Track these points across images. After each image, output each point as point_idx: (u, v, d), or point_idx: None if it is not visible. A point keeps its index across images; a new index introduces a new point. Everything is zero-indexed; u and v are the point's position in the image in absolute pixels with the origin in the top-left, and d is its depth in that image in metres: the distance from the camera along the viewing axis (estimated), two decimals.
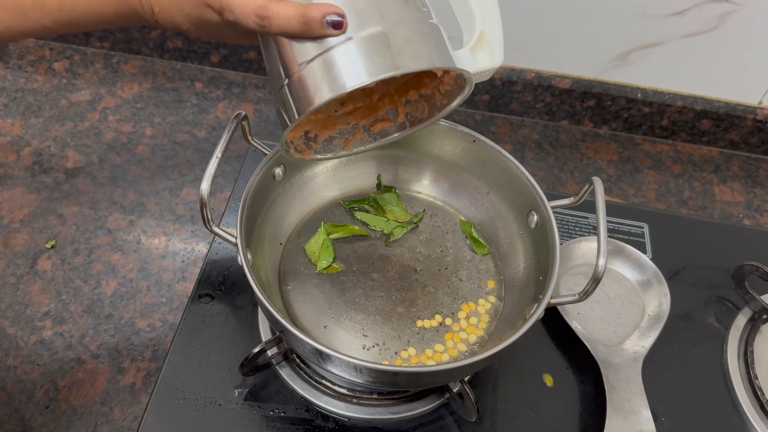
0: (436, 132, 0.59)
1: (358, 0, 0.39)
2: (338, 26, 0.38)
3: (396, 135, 0.52)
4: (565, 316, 0.60)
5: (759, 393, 0.57)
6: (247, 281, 0.45)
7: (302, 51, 0.40)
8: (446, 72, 0.47)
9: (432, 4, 0.44)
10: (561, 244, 0.51)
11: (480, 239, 0.60)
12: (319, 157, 0.51)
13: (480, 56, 0.44)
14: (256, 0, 0.38)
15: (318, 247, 0.58)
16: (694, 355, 0.61)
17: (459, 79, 0.46)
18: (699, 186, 0.83)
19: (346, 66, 0.39)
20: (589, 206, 0.49)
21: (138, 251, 0.66)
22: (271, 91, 0.43)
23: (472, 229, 0.61)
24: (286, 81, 0.41)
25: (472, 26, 0.44)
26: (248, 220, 0.51)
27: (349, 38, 0.38)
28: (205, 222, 0.46)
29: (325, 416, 0.53)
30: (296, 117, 0.41)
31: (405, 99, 0.50)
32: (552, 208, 0.52)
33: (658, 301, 0.62)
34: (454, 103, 0.48)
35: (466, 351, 0.53)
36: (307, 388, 0.54)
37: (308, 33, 0.38)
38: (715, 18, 0.75)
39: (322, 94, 0.39)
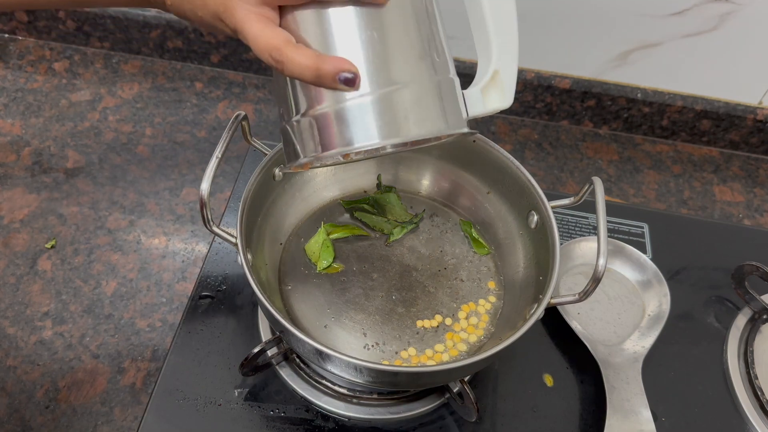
0: None
1: (371, 57, 0.39)
2: (350, 83, 0.38)
3: (394, 150, 0.52)
4: (565, 316, 0.60)
5: (759, 393, 0.57)
6: (247, 281, 0.45)
7: (316, 96, 0.40)
8: None
9: (448, 10, 0.43)
10: (561, 244, 0.51)
11: (480, 239, 0.60)
12: (317, 165, 0.51)
13: (490, 96, 0.44)
14: (271, 40, 0.38)
15: (318, 247, 0.58)
16: (694, 355, 0.61)
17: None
18: (699, 186, 0.83)
19: (356, 124, 0.39)
20: (589, 206, 0.49)
21: (138, 251, 0.66)
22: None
23: (472, 229, 0.61)
24: (296, 118, 0.41)
25: (487, 61, 0.44)
26: (248, 220, 0.51)
27: (362, 95, 0.39)
28: (205, 222, 0.46)
29: (325, 416, 0.53)
30: (302, 158, 0.42)
31: None
32: (552, 208, 0.52)
33: (658, 301, 0.62)
34: (455, 136, 0.48)
35: (466, 351, 0.53)
36: (307, 388, 0.54)
37: (319, 84, 0.39)
38: (715, 18, 0.75)
39: (328, 146, 0.40)
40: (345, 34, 0.39)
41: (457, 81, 0.43)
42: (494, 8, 0.43)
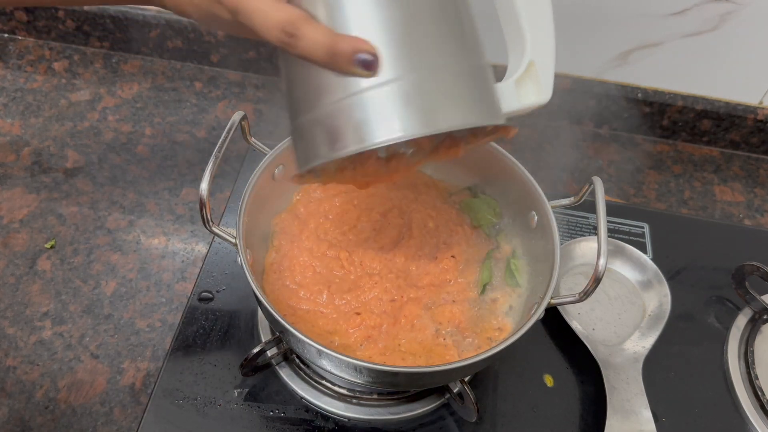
0: None
1: (394, 39, 0.34)
2: (369, 67, 0.34)
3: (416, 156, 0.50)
4: (565, 316, 0.60)
5: (759, 393, 0.57)
6: (247, 281, 0.45)
7: (332, 85, 0.35)
8: None
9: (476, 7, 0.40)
10: (561, 244, 0.51)
11: (516, 272, 0.56)
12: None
13: (526, 90, 0.40)
14: (285, 13, 0.34)
15: None
16: (694, 355, 0.61)
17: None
18: (699, 186, 0.82)
19: (376, 116, 0.34)
20: (589, 206, 0.49)
21: (138, 251, 0.66)
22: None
23: (514, 260, 0.56)
24: (308, 116, 0.37)
25: (521, 53, 0.40)
26: (248, 220, 0.50)
27: (383, 82, 0.34)
28: (205, 222, 0.46)
29: (325, 416, 0.53)
30: (316, 160, 0.37)
31: None
32: (552, 208, 0.52)
33: (659, 301, 0.62)
34: (481, 143, 0.45)
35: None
36: (307, 388, 0.54)
37: (333, 66, 0.34)
38: (715, 18, 0.74)
39: (343, 144, 0.35)
40: (360, 12, 0.34)
41: (490, 68, 0.38)
42: None
